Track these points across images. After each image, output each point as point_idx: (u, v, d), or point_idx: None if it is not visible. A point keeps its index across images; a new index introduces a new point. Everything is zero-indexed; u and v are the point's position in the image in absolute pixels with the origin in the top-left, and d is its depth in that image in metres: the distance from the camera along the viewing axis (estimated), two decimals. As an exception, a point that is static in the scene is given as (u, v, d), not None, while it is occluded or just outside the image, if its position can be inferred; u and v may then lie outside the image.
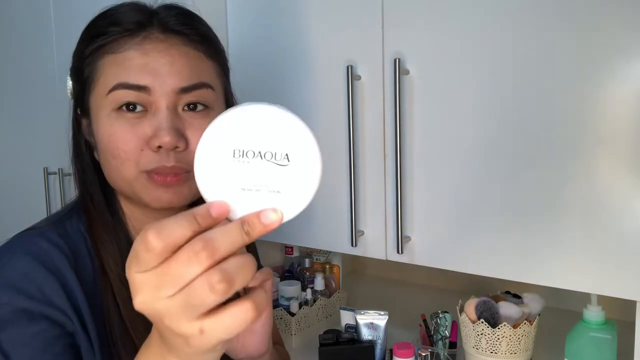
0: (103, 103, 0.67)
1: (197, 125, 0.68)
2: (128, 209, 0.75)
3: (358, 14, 1.07)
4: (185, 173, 0.68)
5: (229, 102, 0.76)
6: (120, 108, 0.67)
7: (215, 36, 0.74)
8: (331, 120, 1.13)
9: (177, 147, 0.66)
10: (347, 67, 1.07)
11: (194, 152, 0.44)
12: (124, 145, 0.66)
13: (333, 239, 1.16)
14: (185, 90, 0.67)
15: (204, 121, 0.68)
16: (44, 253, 0.67)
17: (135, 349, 0.61)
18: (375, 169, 1.09)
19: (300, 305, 1.43)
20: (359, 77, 1.08)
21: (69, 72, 0.74)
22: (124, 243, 0.73)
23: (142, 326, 0.68)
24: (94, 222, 0.72)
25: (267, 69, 1.21)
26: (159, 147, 0.66)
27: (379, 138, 1.07)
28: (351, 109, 1.08)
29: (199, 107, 0.69)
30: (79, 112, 0.73)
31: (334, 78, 1.11)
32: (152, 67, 0.66)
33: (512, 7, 0.91)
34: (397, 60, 1.00)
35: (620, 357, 0.99)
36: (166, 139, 0.65)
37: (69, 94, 0.75)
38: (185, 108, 0.68)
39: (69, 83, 0.74)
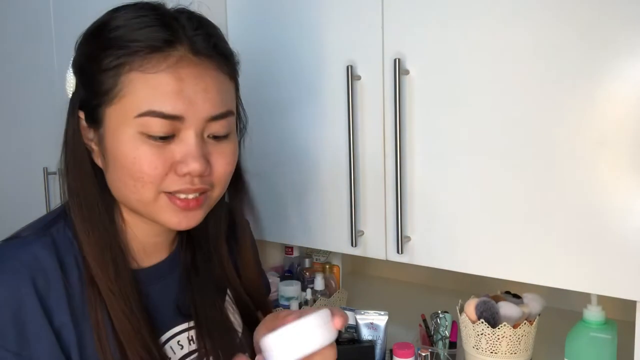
0: (129, 123, 0.66)
1: (220, 150, 0.70)
2: (130, 218, 0.74)
3: (358, 14, 1.07)
4: (204, 194, 0.70)
5: (239, 112, 0.79)
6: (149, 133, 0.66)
7: (232, 50, 0.74)
8: (331, 120, 1.13)
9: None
10: (347, 67, 1.07)
11: (217, 176, 0.44)
12: (150, 170, 0.66)
13: (333, 239, 1.16)
14: (214, 118, 0.68)
15: (227, 145, 0.71)
16: (25, 269, 0.65)
17: None
18: (375, 169, 1.09)
19: (300, 305, 1.43)
20: (359, 77, 1.08)
21: (71, 70, 0.72)
22: (117, 251, 0.71)
23: (138, 342, 0.68)
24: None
25: (267, 69, 1.21)
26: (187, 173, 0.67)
27: (379, 138, 1.07)
28: (351, 109, 1.08)
29: (223, 134, 0.71)
30: (83, 118, 0.70)
31: (334, 78, 1.11)
32: (187, 95, 0.66)
33: (512, 7, 0.91)
34: (397, 60, 1.00)
35: (620, 357, 0.99)
36: (195, 165, 0.66)
37: (68, 90, 0.72)
38: (211, 136, 0.69)
39: (71, 80, 0.72)
